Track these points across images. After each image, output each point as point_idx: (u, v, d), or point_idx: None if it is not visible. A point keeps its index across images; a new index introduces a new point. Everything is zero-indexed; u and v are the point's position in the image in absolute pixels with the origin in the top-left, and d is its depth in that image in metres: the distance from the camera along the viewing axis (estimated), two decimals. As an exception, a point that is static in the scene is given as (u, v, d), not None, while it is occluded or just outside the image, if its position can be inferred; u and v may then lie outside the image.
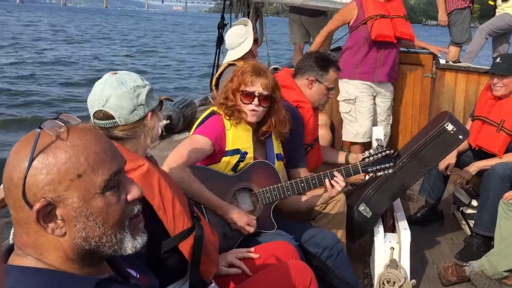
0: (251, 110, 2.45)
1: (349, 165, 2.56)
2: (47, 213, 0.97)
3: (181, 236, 1.66)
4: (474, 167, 3.69)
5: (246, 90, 2.45)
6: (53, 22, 53.23)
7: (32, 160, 0.96)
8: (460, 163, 3.91)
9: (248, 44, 3.79)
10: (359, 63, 4.53)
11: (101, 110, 1.69)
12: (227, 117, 2.47)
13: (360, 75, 4.55)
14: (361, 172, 2.53)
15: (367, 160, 2.52)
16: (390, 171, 2.54)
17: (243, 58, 3.78)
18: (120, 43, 31.98)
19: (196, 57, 26.03)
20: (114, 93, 1.67)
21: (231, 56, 3.86)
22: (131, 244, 1.07)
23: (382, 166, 2.50)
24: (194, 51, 29.11)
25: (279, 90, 2.55)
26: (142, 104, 1.71)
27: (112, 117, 1.68)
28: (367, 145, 4.46)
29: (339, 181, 2.47)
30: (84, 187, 0.99)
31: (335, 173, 2.49)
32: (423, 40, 5.35)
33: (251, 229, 2.32)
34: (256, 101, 2.45)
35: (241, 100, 2.46)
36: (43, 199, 0.96)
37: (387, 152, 2.51)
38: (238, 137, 2.45)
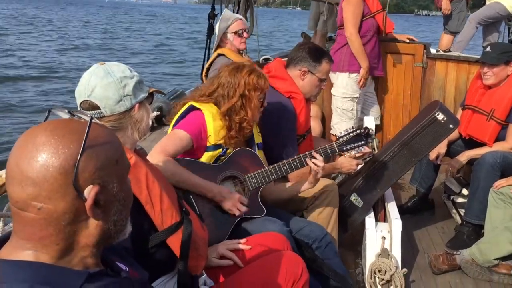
0: (262, 111, 2.61)
1: (326, 145, 2.63)
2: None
3: (169, 230, 1.65)
4: (464, 156, 3.70)
5: (264, 96, 2.59)
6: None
7: (84, 145, 0.95)
8: (451, 152, 3.92)
9: (217, 28, 3.81)
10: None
11: (87, 100, 1.67)
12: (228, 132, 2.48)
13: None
14: (337, 151, 2.64)
15: (341, 139, 2.63)
16: (362, 149, 2.73)
17: (222, 43, 3.82)
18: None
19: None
20: (100, 83, 1.66)
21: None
22: (129, 228, 1.11)
23: (355, 144, 2.63)
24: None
25: None
26: (129, 95, 1.69)
27: (97, 107, 1.67)
28: None
29: (318, 162, 2.53)
30: (120, 172, 1.04)
31: (314, 153, 2.56)
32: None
33: (243, 208, 2.37)
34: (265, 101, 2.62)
35: (261, 105, 2.58)
36: (96, 185, 0.97)
37: (357, 131, 2.62)
38: (220, 133, 2.46)
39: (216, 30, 3.87)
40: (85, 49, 23.50)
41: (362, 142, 2.62)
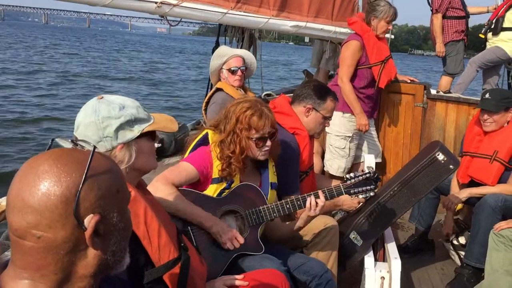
0: (265, 151, 2.51)
1: (332, 187, 2.58)
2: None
3: (166, 266, 1.63)
4: (466, 193, 3.67)
5: (260, 137, 2.48)
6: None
7: (86, 174, 0.95)
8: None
9: (211, 65, 3.88)
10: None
11: (75, 134, 1.68)
12: (221, 164, 2.44)
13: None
14: (343, 193, 2.57)
15: (349, 182, 2.56)
16: (372, 193, 2.58)
17: (221, 78, 3.87)
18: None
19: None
20: (83, 121, 1.65)
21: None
22: (127, 259, 1.10)
23: (363, 188, 2.55)
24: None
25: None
26: (109, 137, 1.65)
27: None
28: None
29: (320, 202, 2.49)
30: (121, 202, 1.04)
31: (319, 193, 2.52)
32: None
33: (237, 244, 2.34)
34: (268, 141, 2.51)
35: (256, 146, 2.48)
36: (96, 214, 0.96)
37: (367, 175, 2.56)
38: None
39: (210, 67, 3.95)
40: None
41: (372, 186, 2.55)
